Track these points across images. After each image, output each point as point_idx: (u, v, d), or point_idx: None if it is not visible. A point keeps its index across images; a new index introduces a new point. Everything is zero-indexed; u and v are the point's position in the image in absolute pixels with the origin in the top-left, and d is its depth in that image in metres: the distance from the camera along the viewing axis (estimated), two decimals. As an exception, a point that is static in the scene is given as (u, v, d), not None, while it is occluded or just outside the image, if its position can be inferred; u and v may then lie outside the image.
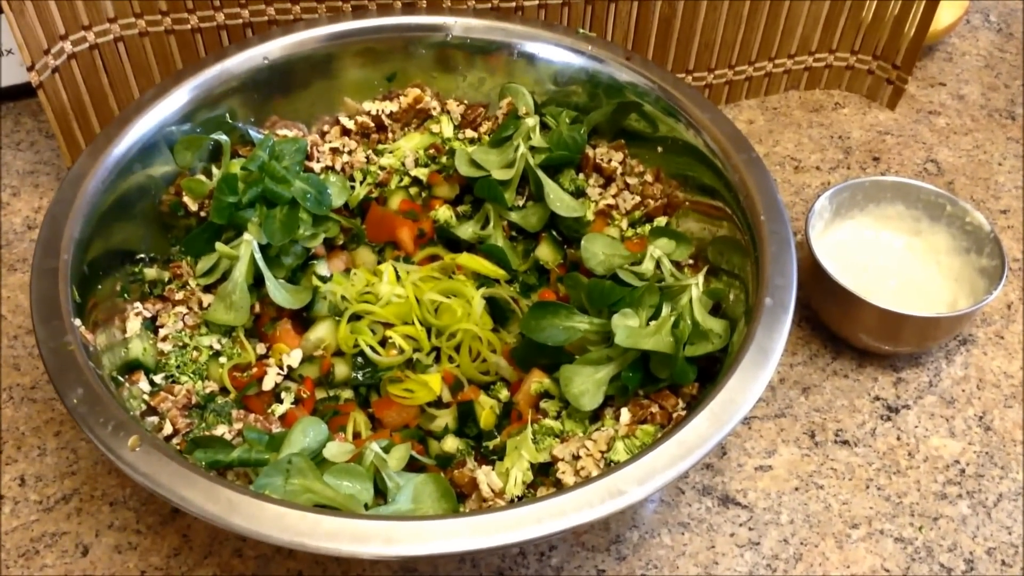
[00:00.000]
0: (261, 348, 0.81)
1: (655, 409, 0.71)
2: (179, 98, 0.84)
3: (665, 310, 0.75)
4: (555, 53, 0.90)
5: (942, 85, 1.16)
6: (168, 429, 0.70)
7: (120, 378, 0.70)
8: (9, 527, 0.75)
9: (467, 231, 0.89)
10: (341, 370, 0.79)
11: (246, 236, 0.79)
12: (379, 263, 0.88)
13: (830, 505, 0.79)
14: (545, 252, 0.87)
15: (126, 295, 0.78)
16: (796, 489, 0.80)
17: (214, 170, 0.85)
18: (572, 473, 0.68)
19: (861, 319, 0.85)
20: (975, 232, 0.89)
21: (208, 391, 0.76)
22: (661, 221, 0.87)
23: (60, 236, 0.72)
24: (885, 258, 0.91)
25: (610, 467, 0.66)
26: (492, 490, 0.68)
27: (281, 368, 0.78)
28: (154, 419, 0.71)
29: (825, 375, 0.88)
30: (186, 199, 0.83)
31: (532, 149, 0.88)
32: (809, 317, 0.92)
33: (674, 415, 0.71)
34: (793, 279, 0.72)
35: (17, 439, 0.81)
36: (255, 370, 0.78)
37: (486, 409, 0.78)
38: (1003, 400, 0.86)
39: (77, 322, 0.67)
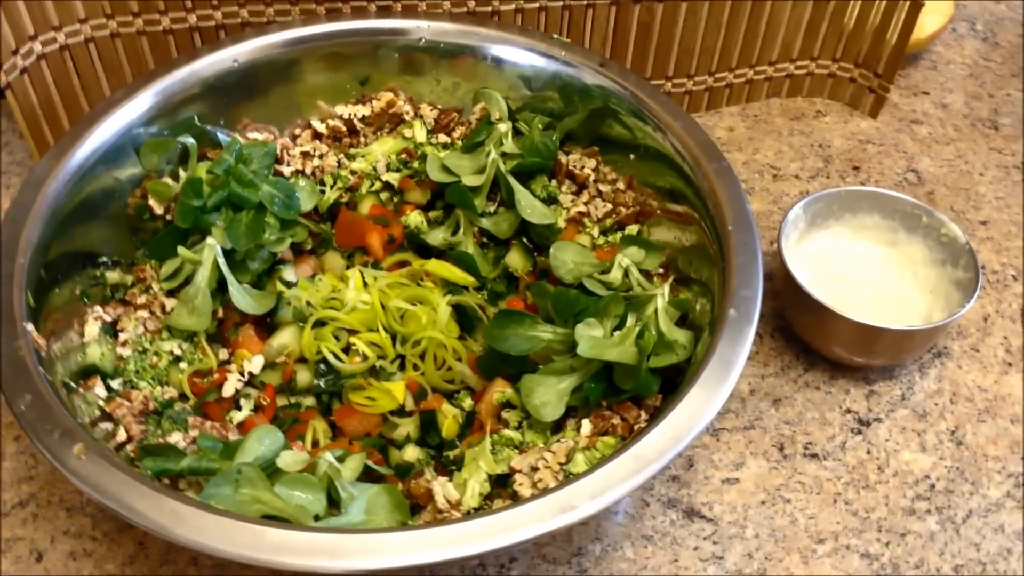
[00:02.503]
0: (224, 353, 0.80)
1: (616, 421, 0.70)
2: (146, 100, 0.83)
3: (630, 320, 0.74)
4: (528, 58, 0.89)
5: (925, 94, 1.15)
6: (122, 436, 0.69)
7: (73, 384, 0.69)
8: (-36, 532, 0.75)
9: (437, 237, 0.88)
10: (303, 377, 0.79)
11: (209, 240, 0.79)
12: (348, 268, 0.87)
13: (796, 519, 0.78)
14: (515, 259, 0.87)
15: (86, 299, 0.77)
16: (763, 503, 0.79)
17: (181, 173, 0.84)
18: (529, 485, 0.67)
19: (834, 331, 0.84)
20: (951, 244, 0.87)
21: (167, 397, 0.75)
22: (633, 229, 0.86)
23: (17, 240, 0.71)
24: (861, 269, 0.90)
25: (567, 481, 0.65)
26: (448, 501, 0.67)
27: (242, 374, 0.77)
28: (108, 426, 0.70)
29: (797, 387, 0.87)
30: (152, 202, 0.83)
31: (504, 155, 0.87)
32: (783, 328, 0.91)
33: (635, 427, 0.70)
34: (759, 291, 0.71)
35: (-24, 443, 0.80)
36: (216, 376, 0.77)
37: (448, 418, 0.77)
38: (976, 414, 0.85)
39: (30, 327, 0.67)
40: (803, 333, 0.89)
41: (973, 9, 1.28)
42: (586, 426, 0.70)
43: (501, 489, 0.69)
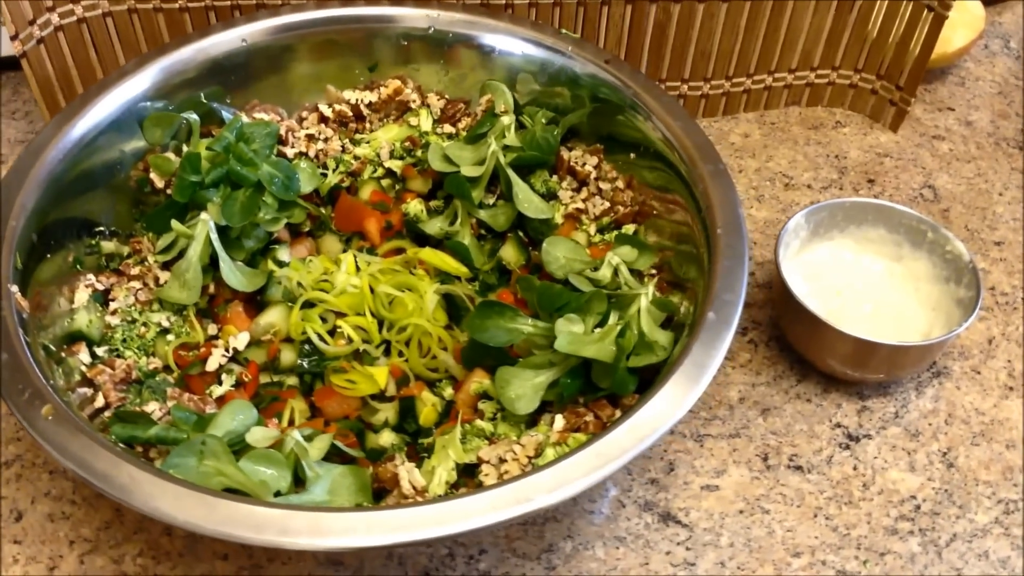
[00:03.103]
0: (213, 329, 0.80)
1: (590, 418, 0.70)
2: (153, 74, 0.84)
3: (612, 318, 0.74)
4: (534, 52, 0.89)
5: (950, 110, 1.13)
6: (100, 402, 0.70)
7: (55, 348, 0.70)
8: (-52, 487, 0.76)
9: (435, 226, 0.88)
10: (287, 356, 0.79)
11: (203, 216, 0.79)
12: (344, 252, 0.88)
13: (774, 531, 0.77)
14: (509, 252, 0.86)
15: (79, 266, 0.78)
16: (741, 512, 0.78)
17: (184, 148, 0.85)
18: (496, 476, 0.67)
19: (828, 344, 0.83)
20: (955, 261, 0.85)
21: (151, 368, 0.76)
22: (629, 229, 0.86)
23: (11, 204, 0.72)
24: (862, 282, 0.89)
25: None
26: (413, 487, 0.67)
27: (227, 350, 0.78)
28: (87, 391, 0.71)
29: (787, 398, 0.86)
30: (153, 176, 0.84)
31: (505, 148, 0.87)
32: (778, 337, 0.90)
33: (608, 425, 0.69)
34: (741, 296, 0.69)
35: (-31, 401, 0.82)
36: (202, 350, 0.78)
37: (427, 406, 0.77)
38: (971, 437, 0.83)
39: (14, 288, 0.68)
40: (797, 344, 0.87)
41: (1009, 27, 1.25)
42: (559, 421, 0.70)
43: (468, 479, 0.69)
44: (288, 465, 0.65)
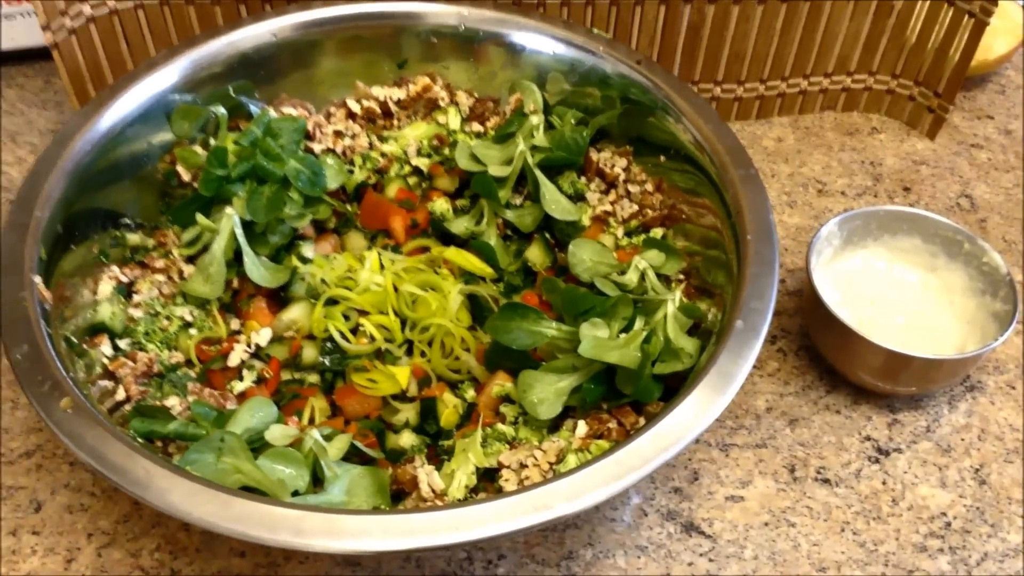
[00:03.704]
0: (236, 324, 0.80)
1: (613, 425, 0.69)
2: (182, 67, 0.84)
3: (638, 323, 0.72)
4: (565, 51, 0.88)
5: (990, 118, 1.10)
6: (120, 395, 0.70)
7: (77, 340, 0.70)
8: (-31, 476, 0.76)
9: (460, 226, 0.87)
10: (309, 353, 0.78)
11: (228, 210, 0.79)
12: (369, 250, 0.87)
13: (799, 545, 0.75)
14: (535, 254, 0.85)
15: (104, 258, 0.78)
16: (766, 524, 0.76)
17: (211, 141, 0.85)
18: (516, 482, 0.66)
19: (859, 355, 0.81)
20: (992, 274, 0.83)
21: (173, 361, 0.76)
22: (657, 233, 0.84)
23: (38, 193, 0.72)
24: (896, 292, 0.87)
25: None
26: (432, 490, 0.66)
27: (249, 346, 0.77)
28: (108, 383, 0.70)
29: (816, 408, 0.84)
30: (180, 168, 0.83)
31: (533, 148, 0.86)
32: (807, 347, 0.88)
33: (632, 433, 0.68)
34: (770, 304, 0.68)
35: (-7, 390, 0.82)
36: (225, 345, 0.77)
37: (449, 408, 0.76)
38: (1004, 454, 0.81)
39: (37, 279, 0.68)
40: (827, 354, 0.85)
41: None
42: (581, 427, 0.69)
43: (488, 483, 0.68)
44: (306, 464, 0.65)
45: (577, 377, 0.71)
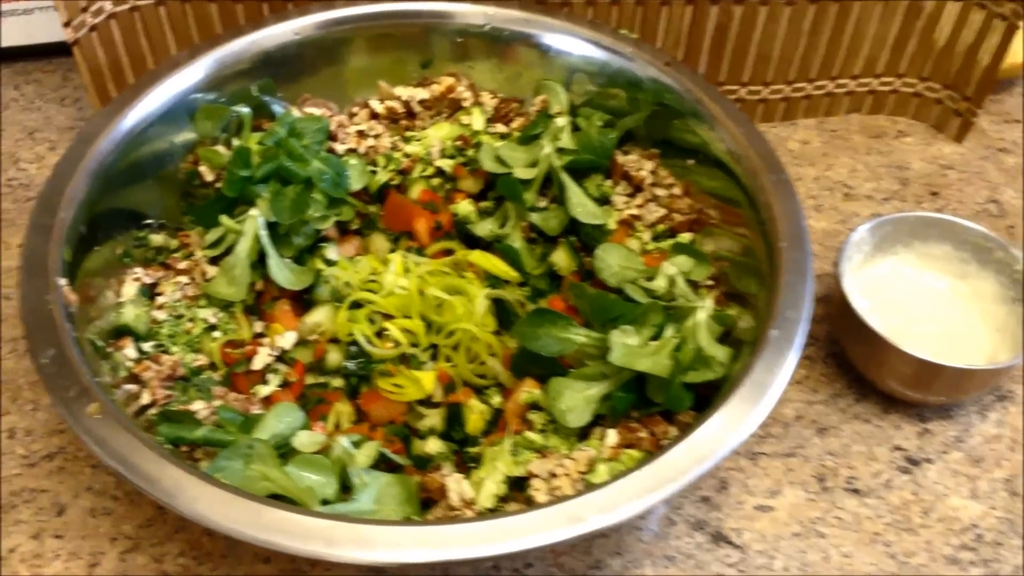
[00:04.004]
0: (260, 326, 0.79)
1: (644, 434, 0.68)
2: (205, 65, 0.83)
3: (669, 331, 0.71)
4: (592, 52, 0.87)
5: (1017, 122, 1.09)
6: (145, 399, 0.69)
7: (102, 343, 0.69)
8: (-9, 478, 0.76)
9: (485, 228, 0.86)
10: (333, 357, 0.78)
11: (252, 212, 0.78)
12: (392, 252, 0.86)
13: (830, 556, 0.74)
14: (561, 258, 0.84)
15: (127, 259, 0.77)
16: (796, 535, 0.75)
17: (235, 142, 0.84)
18: (546, 491, 0.65)
19: (889, 363, 0.80)
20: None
21: (197, 365, 0.75)
22: (685, 237, 0.83)
23: (61, 194, 0.71)
24: (925, 300, 0.86)
25: (582, 490, 0.62)
26: (461, 499, 0.65)
27: (273, 349, 0.76)
28: (133, 387, 0.70)
29: (845, 417, 0.83)
30: (202, 168, 0.83)
31: (559, 150, 0.85)
32: (836, 354, 0.87)
33: (663, 443, 0.67)
34: (806, 313, 0.67)
35: (14, 391, 0.81)
36: (248, 348, 0.77)
37: (475, 414, 0.75)
38: (1036, 465, 0.80)
39: (63, 282, 0.67)
40: (857, 362, 0.84)
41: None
42: (611, 436, 0.68)
43: (518, 492, 0.67)
44: (335, 471, 0.64)
45: (607, 385, 0.70)
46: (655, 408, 0.69)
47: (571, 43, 0.88)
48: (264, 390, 0.74)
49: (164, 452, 0.58)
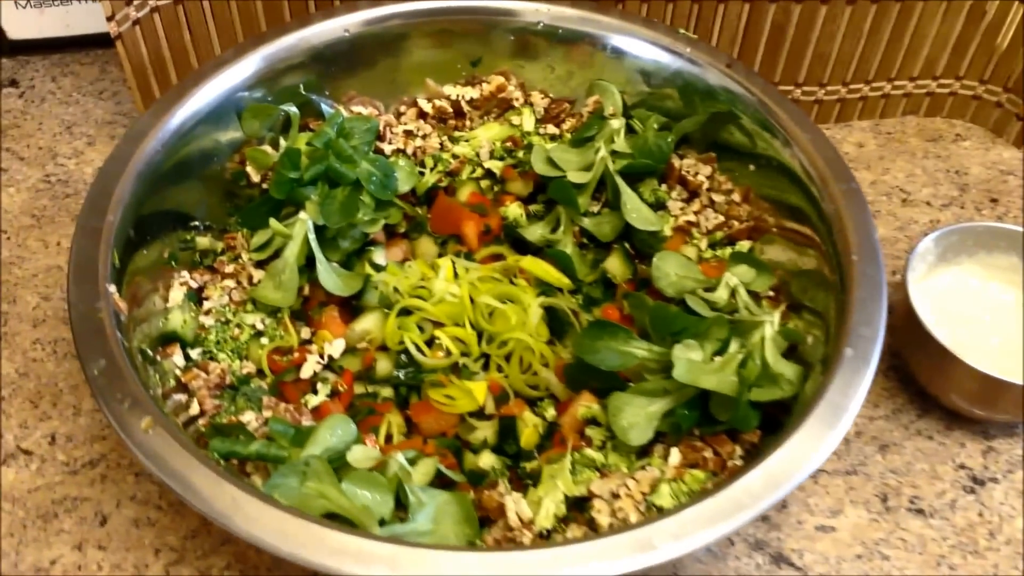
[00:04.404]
0: (306, 332, 0.77)
1: (708, 454, 0.65)
2: (253, 63, 0.81)
3: (733, 346, 0.69)
4: (650, 52, 0.84)
5: (1080, 126, 1.05)
6: (195, 409, 0.67)
7: (151, 352, 0.67)
8: (33, 485, 0.74)
9: (535, 233, 0.84)
10: (383, 366, 0.75)
11: (302, 215, 0.76)
12: (440, 256, 0.84)
13: (893, 579, 0.72)
14: (614, 265, 0.82)
15: (174, 262, 0.75)
16: (859, 556, 0.73)
17: (282, 142, 0.82)
18: (608, 513, 0.62)
19: (954, 378, 0.77)
20: (1097, 296, 0.79)
21: (245, 372, 0.73)
22: (744, 246, 0.81)
23: (109, 195, 0.69)
24: (990, 312, 0.83)
25: (648, 513, 0.60)
26: (520, 519, 0.63)
27: (322, 357, 0.74)
28: (182, 397, 0.68)
29: (908, 433, 0.80)
30: (249, 169, 0.81)
31: (614, 153, 0.82)
32: (898, 367, 0.84)
33: (729, 464, 0.65)
34: (880, 330, 0.64)
35: (55, 395, 0.80)
36: (296, 355, 0.75)
37: (529, 427, 0.73)
38: (1107, 487, 0.77)
39: (112, 288, 0.65)
40: (920, 376, 0.82)
41: None
42: (675, 456, 0.65)
43: (577, 513, 0.65)
44: (390, 489, 0.62)
45: (669, 401, 0.68)
46: (720, 426, 0.67)
47: (627, 42, 0.85)
48: (314, 400, 0.72)
49: (219, 469, 0.56)
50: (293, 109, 0.81)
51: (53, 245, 0.90)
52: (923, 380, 0.81)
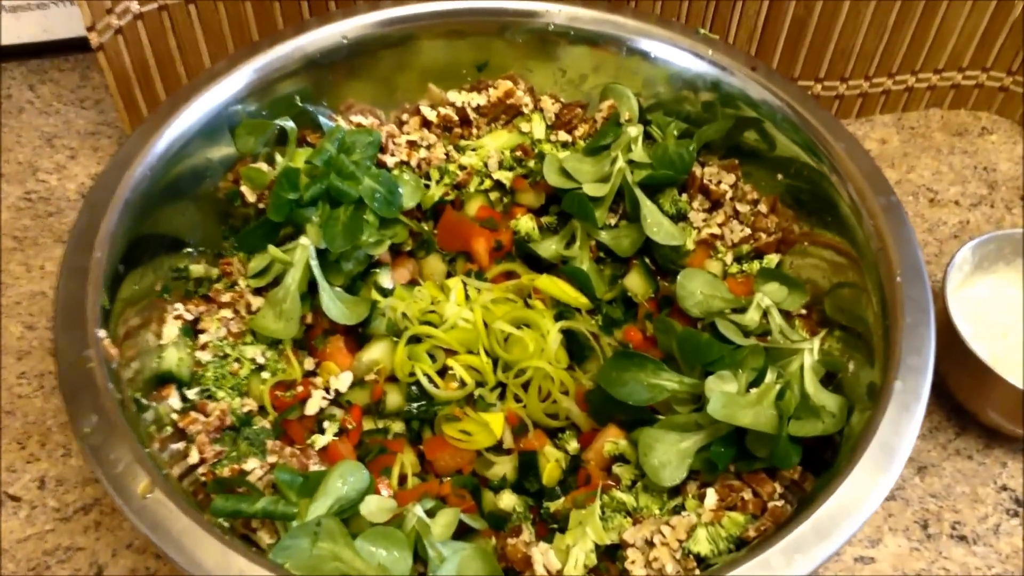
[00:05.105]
0: (310, 363, 0.72)
1: (747, 495, 0.61)
2: (245, 75, 0.76)
3: (770, 376, 0.65)
4: (670, 54, 0.79)
5: (1111, 117, 1.01)
6: (194, 457, 0.63)
7: (145, 400, 0.62)
8: (23, 535, 0.69)
9: (549, 248, 0.79)
10: (393, 399, 0.71)
11: (303, 240, 0.71)
12: (449, 275, 0.79)
13: (939, 614, 0.68)
14: (635, 282, 0.77)
15: (167, 294, 0.70)
16: (900, 590, 0.69)
17: (278, 157, 0.77)
18: (643, 564, 0.58)
19: (993, 395, 0.74)
20: None
21: (246, 410, 0.68)
22: (772, 260, 0.76)
23: (96, 229, 0.64)
24: (1029, 323, 0.79)
25: (686, 562, 0.56)
26: (548, 572, 0.59)
27: (327, 391, 0.70)
28: (180, 445, 0.63)
29: (946, 453, 0.76)
30: (244, 188, 0.75)
31: (632, 163, 0.77)
32: (934, 383, 0.80)
33: (769, 504, 0.61)
34: (930, 360, 0.60)
35: (43, 434, 0.75)
36: (300, 389, 0.70)
37: (551, 462, 0.69)
38: None
39: (102, 333, 0.60)
40: (957, 392, 0.78)
41: None
42: (711, 497, 0.61)
43: (609, 562, 0.61)
44: (408, 545, 0.57)
45: (702, 437, 0.64)
46: (758, 463, 0.63)
47: (645, 44, 0.80)
48: (321, 440, 0.68)
49: (224, 538, 0.51)
50: (290, 124, 0.75)
51: (37, 269, 0.85)
52: (961, 396, 0.78)
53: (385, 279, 0.76)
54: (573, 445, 0.70)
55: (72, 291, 0.60)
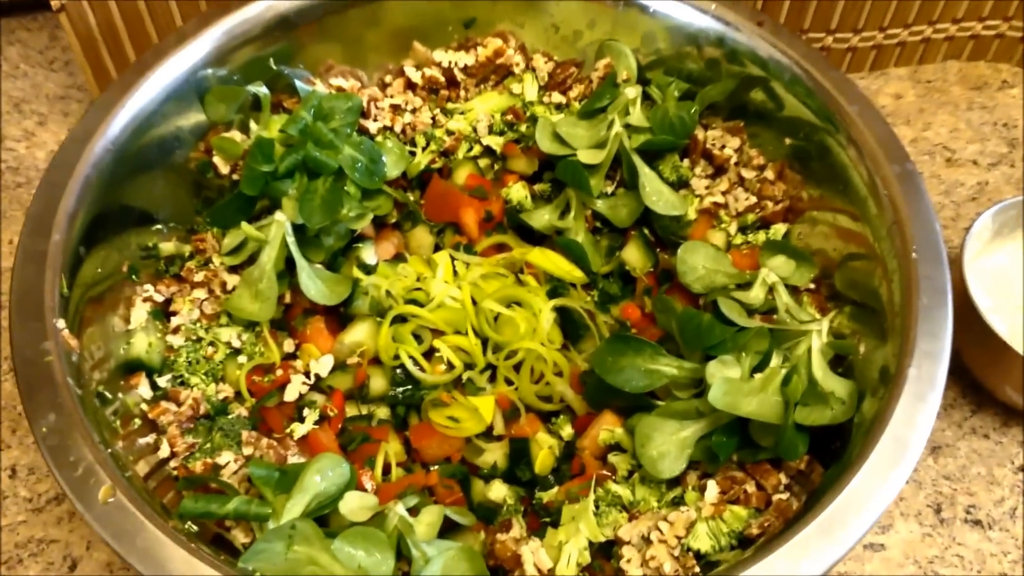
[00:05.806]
0: (289, 344, 0.69)
1: (751, 488, 0.58)
2: (215, 37, 0.70)
3: (775, 359, 0.61)
4: (670, 7, 0.74)
5: None
6: (165, 451, 0.59)
7: (109, 394, 0.58)
8: (-7, 528, 0.67)
9: (542, 219, 0.75)
10: (377, 384, 0.67)
11: (278, 216, 0.67)
12: (437, 248, 0.75)
13: (951, 604, 0.65)
14: (633, 255, 0.73)
15: (135, 275, 0.66)
16: (911, 577, 0.66)
17: (252, 125, 0.72)
18: (639, 563, 0.55)
19: (1012, 372, 0.70)
20: None
21: (221, 397, 0.65)
22: (779, 230, 0.72)
23: (54, 210, 0.60)
24: (1051, 292, 0.74)
25: (684, 559, 0.53)
26: (539, 570, 0.55)
27: (308, 376, 0.66)
28: (150, 438, 0.60)
29: (961, 432, 0.73)
30: (216, 159, 0.71)
31: (629, 127, 0.73)
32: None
33: (774, 498, 0.57)
34: (946, 346, 0.56)
35: (13, 420, 0.72)
36: (279, 373, 0.66)
37: (544, 449, 0.65)
38: None
39: (61, 323, 0.56)
40: (973, 366, 0.74)
41: None
42: (711, 490, 0.58)
43: (603, 560, 0.57)
44: (390, 545, 0.54)
45: (703, 425, 0.60)
46: (762, 453, 0.59)
47: (643, -2, 0.74)
48: (300, 429, 0.64)
49: (192, 548, 0.48)
50: (263, 90, 0.71)
51: (5, 244, 0.81)
52: (976, 371, 0.74)
53: (368, 254, 0.72)
54: (567, 430, 0.66)
55: (28, 279, 0.57)
